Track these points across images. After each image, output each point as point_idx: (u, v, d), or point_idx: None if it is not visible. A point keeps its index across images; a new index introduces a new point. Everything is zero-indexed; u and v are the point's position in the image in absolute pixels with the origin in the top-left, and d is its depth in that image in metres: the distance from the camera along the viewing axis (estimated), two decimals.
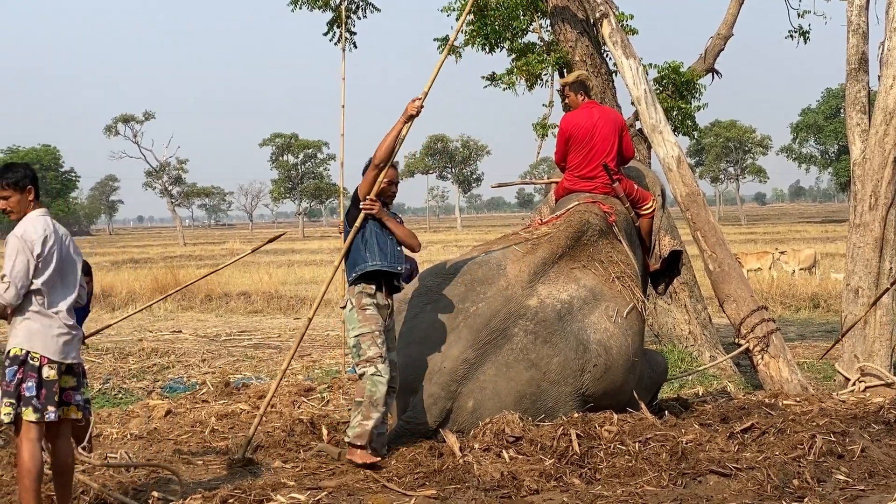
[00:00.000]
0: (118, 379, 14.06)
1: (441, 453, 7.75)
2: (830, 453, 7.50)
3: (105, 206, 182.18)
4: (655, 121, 11.77)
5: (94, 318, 23.72)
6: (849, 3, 11.54)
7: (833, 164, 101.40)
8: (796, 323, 20.43)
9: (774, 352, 10.77)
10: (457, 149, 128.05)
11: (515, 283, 8.73)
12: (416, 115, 8.24)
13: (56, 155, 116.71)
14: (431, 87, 8.50)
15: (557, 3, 14.87)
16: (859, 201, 11.17)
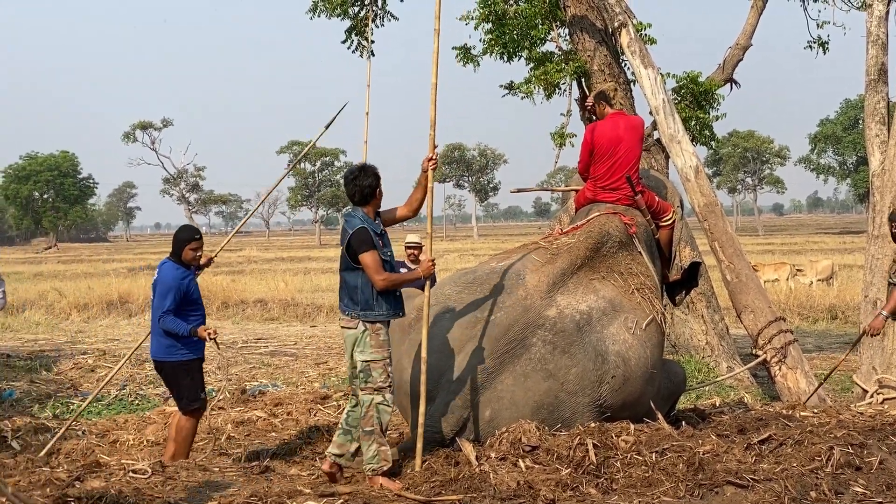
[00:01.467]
0: (135, 385, 14.10)
1: (457, 462, 7.73)
2: (848, 465, 7.46)
3: (123, 212, 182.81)
4: (674, 131, 11.76)
5: (111, 325, 23.84)
6: (868, 13, 11.52)
7: (851, 174, 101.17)
8: (814, 334, 20.38)
9: (792, 363, 10.74)
10: (474, 157, 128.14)
11: (534, 292, 8.71)
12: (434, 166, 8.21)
13: (74, 161, 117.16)
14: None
15: (576, 13, 14.88)
16: (878, 212, 11.13)
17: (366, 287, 7.81)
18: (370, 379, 7.78)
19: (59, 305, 27.02)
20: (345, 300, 7.89)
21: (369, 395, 7.78)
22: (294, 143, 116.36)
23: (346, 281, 7.89)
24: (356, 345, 7.80)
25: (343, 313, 7.90)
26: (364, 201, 7.98)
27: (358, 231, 7.79)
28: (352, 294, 7.83)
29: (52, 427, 10.07)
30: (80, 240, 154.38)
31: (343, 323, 7.90)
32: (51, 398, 12.79)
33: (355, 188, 7.97)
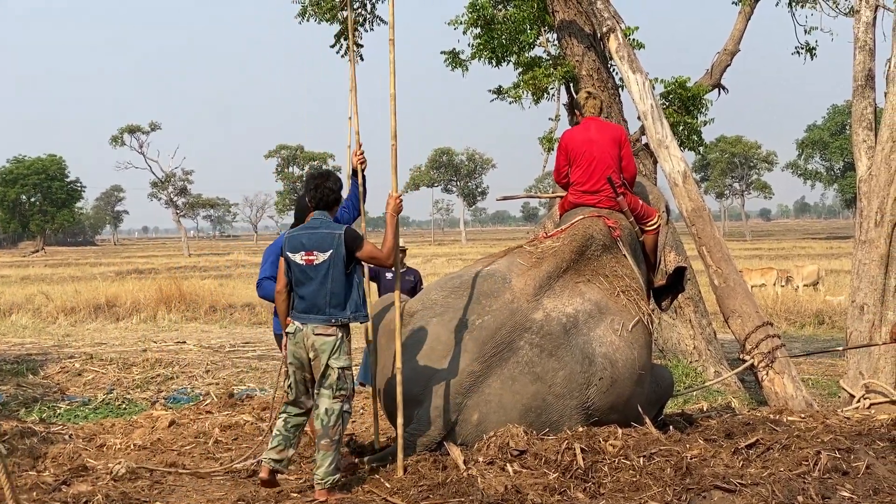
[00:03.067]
0: (122, 389, 14.10)
1: (445, 466, 7.73)
2: (835, 470, 7.47)
3: (110, 216, 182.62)
4: (662, 136, 11.79)
5: (98, 329, 23.81)
6: (856, 19, 11.55)
7: (838, 180, 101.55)
8: (801, 339, 20.43)
9: (779, 368, 10.76)
10: (462, 162, 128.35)
11: (521, 296, 8.72)
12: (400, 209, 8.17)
13: (62, 165, 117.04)
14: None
15: (564, 18, 14.91)
16: (865, 218, 11.16)
17: (357, 288, 7.76)
18: (345, 386, 7.66)
19: (47, 309, 26.99)
20: (329, 308, 7.65)
21: (339, 403, 7.63)
22: (282, 147, 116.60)
23: (333, 287, 7.66)
24: (333, 352, 7.63)
25: (322, 322, 7.64)
26: (328, 206, 7.92)
27: (347, 230, 7.76)
28: (341, 299, 7.66)
29: (39, 431, 10.04)
30: (68, 243, 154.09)
31: (319, 330, 7.65)
32: (38, 402, 12.76)
33: (325, 191, 7.88)
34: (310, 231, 7.77)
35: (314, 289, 7.66)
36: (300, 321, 7.70)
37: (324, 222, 7.81)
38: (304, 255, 7.68)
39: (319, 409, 7.65)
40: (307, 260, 7.66)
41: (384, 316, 9.31)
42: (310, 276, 7.67)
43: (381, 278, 13.49)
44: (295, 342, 7.71)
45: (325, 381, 7.63)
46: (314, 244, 7.68)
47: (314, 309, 7.66)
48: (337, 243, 7.64)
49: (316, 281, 7.65)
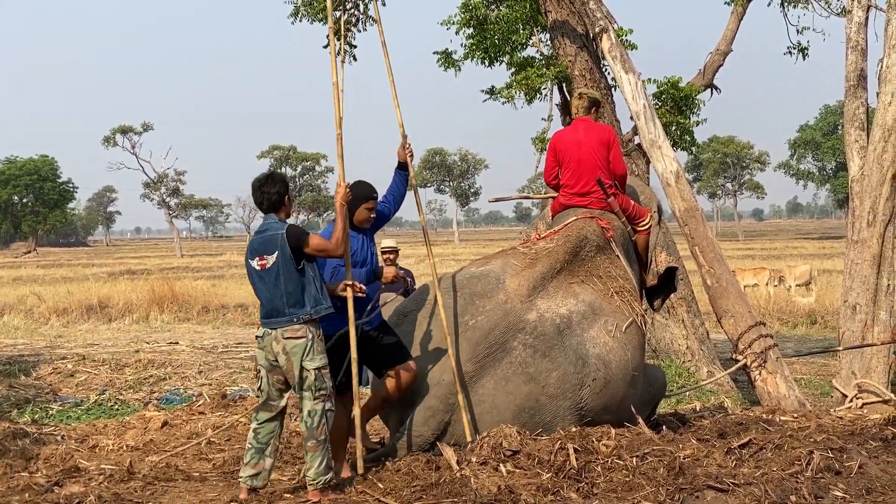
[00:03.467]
0: (115, 390, 14.06)
1: (438, 466, 7.72)
2: (828, 469, 7.48)
3: (102, 217, 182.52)
4: (654, 136, 11.79)
5: (91, 330, 23.77)
6: (848, 20, 11.56)
7: (831, 180, 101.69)
8: (793, 339, 20.45)
9: (772, 367, 10.76)
10: (455, 162, 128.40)
11: (514, 296, 8.72)
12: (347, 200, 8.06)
13: (54, 165, 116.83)
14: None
15: (557, 18, 14.91)
16: (857, 218, 11.17)
17: (314, 282, 7.69)
18: (324, 386, 7.62)
19: (39, 310, 26.94)
20: (288, 308, 7.59)
21: (321, 403, 7.59)
22: (275, 147, 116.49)
23: (287, 287, 7.59)
24: (306, 354, 7.57)
25: (286, 325, 7.58)
26: (273, 208, 7.87)
27: (289, 228, 7.71)
28: (299, 297, 7.60)
29: (31, 432, 10.03)
30: (60, 244, 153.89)
31: (288, 334, 7.58)
32: (30, 403, 12.74)
33: (263, 196, 7.85)
34: (261, 235, 7.77)
35: (270, 292, 7.65)
36: (266, 326, 7.69)
37: (271, 224, 7.79)
38: (258, 260, 7.67)
39: (303, 412, 7.62)
40: (261, 265, 7.65)
41: None
42: (265, 280, 7.66)
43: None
44: (262, 346, 7.71)
45: (303, 383, 7.59)
46: (263, 248, 7.68)
47: (275, 313, 7.63)
48: (281, 244, 7.59)
49: (270, 284, 7.64)
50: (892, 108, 11.00)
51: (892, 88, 11.02)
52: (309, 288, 7.65)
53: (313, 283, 7.69)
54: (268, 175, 7.98)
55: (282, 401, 7.80)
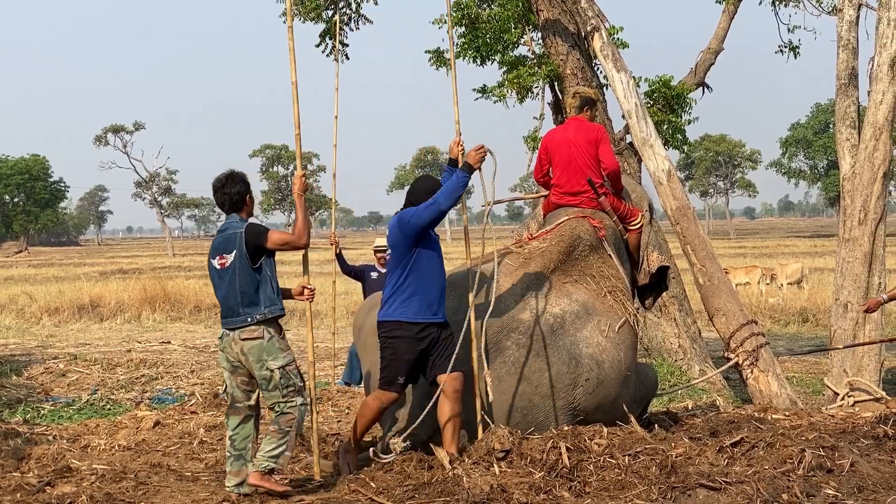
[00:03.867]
0: (106, 390, 14.05)
1: (430, 466, 7.72)
2: (820, 468, 7.49)
3: (94, 216, 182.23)
4: (646, 134, 11.79)
5: (82, 329, 23.74)
6: (839, 18, 11.58)
7: (822, 178, 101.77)
8: (785, 337, 20.48)
9: (764, 366, 10.77)
10: (447, 161, 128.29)
11: (508, 296, 8.73)
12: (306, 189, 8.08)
13: (45, 165, 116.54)
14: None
15: (549, 17, 14.91)
16: (849, 216, 11.19)
17: (269, 282, 7.65)
18: (291, 383, 7.57)
19: (30, 310, 26.88)
20: (242, 308, 7.56)
21: (293, 398, 7.57)
22: (267, 146, 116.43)
23: (242, 286, 7.56)
24: (267, 354, 7.54)
25: (242, 325, 7.56)
26: (234, 208, 7.82)
27: (248, 226, 7.66)
28: (253, 297, 7.56)
29: (23, 432, 10.01)
30: (52, 244, 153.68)
31: (245, 335, 7.55)
32: (21, 403, 12.72)
33: (224, 196, 7.80)
34: (222, 235, 7.75)
35: (225, 291, 7.64)
36: (225, 327, 7.70)
37: (233, 224, 7.75)
38: (219, 258, 7.66)
39: (273, 408, 7.62)
40: (220, 264, 7.64)
41: (371, 315, 9.31)
42: (223, 278, 7.65)
43: (367, 278, 13.49)
44: (222, 348, 7.72)
45: (269, 384, 7.56)
46: (224, 247, 7.66)
47: (231, 312, 7.63)
48: (239, 242, 7.56)
49: (226, 282, 7.62)
50: (883, 106, 11.02)
51: (882, 87, 11.04)
52: (264, 288, 7.61)
53: (269, 283, 7.65)
54: (228, 175, 7.88)
55: (249, 401, 7.76)
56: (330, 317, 16.40)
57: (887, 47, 11.01)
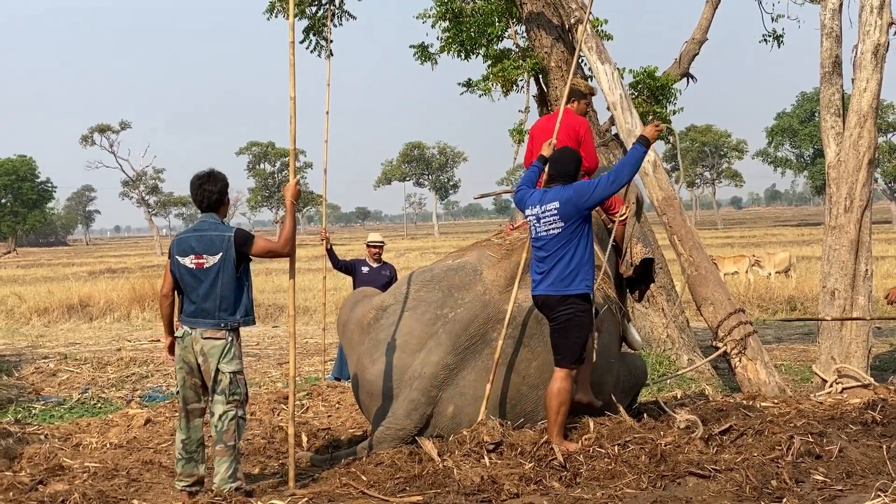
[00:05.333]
0: (97, 388, 14.09)
1: (421, 459, 7.75)
2: (808, 454, 7.54)
3: (82, 216, 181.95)
4: (631, 125, 11.83)
5: (72, 329, 23.73)
6: (822, 7, 11.60)
7: (808, 167, 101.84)
8: (773, 325, 20.53)
9: (752, 354, 10.81)
10: (433, 156, 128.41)
11: (493, 287, 8.76)
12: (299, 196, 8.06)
13: (32, 165, 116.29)
14: None
15: (532, 10, 14.92)
16: (834, 204, 11.22)
17: (247, 292, 7.62)
18: (237, 391, 7.49)
19: (20, 310, 26.88)
20: (219, 312, 7.46)
21: (234, 409, 7.46)
22: (253, 143, 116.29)
23: (223, 291, 7.48)
24: (223, 355, 7.45)
25: (210, 327, 7.46)
26: (212, 207, 7.73)
27: (237, 232, 7.59)
28: (233, 303, 7.50)
29: (14, 431, 10.02)
30: (40, 244, 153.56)
31: (207, 334, 7.46)
32: (12, 403, 12.73)
33: (203, 193, 7.69)
34: (199, 234, 7.61)
35: (203, 293, 7.50)
36: (188, 325, 7.55)
37: (212, 224, 7.66)
38: (194, 258, 7.50)
39: (213, 416, 7.50)
40: (197, 263, 7.49)
41: (356, 310, 9.35)
42: (200, 279, 7.50)
43: (357, 272, 13.51)
44: (183, 346, 7.57)
45: (217, 386, 7.45)
46: (204, 247, 7.52)
47: (203, 313, 7.50)
48: (227, 246, 7.47)
49: (205, 284, 7.49)
50: (867, 93, 11.06)
51: (866, 74, 11.07)
52: (243, 297, 7.56)
53: (247, 292, 7.61)
54: (208, 173, 7.79)
55: (200, 403, 7.65)
56: (320, 312, 16.42)
57: (870, 35, 11.04)
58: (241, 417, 7.53)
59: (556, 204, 8.14)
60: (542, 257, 8.21)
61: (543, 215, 8.19)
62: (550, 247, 8.15)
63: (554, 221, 8.16)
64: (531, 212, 8.32)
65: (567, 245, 8.09)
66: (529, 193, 8.49)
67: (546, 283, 8.15)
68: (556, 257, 8.10)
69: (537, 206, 8.26)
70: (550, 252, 8.15)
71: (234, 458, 7.41)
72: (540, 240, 8.23)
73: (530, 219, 8.34)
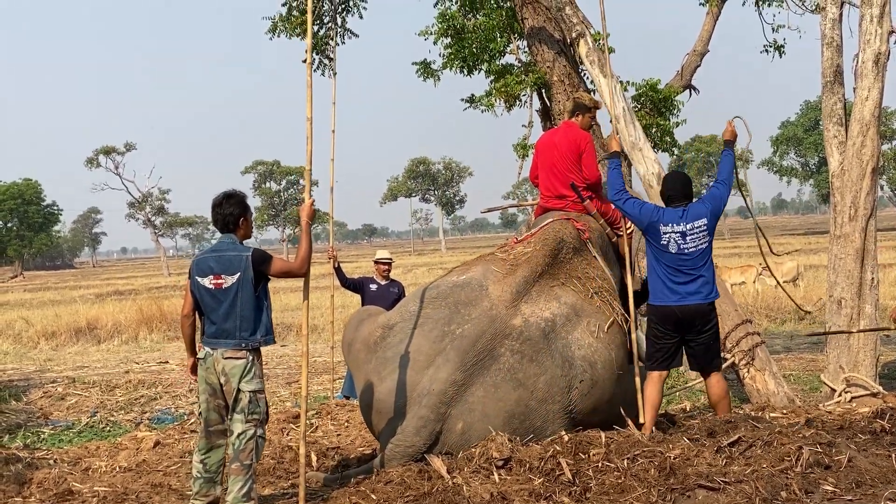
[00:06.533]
0: (106, 412, 14.09)
1: (430, 476, 7.73)
2: (818, 464, 7.51)
3: (88, 238, 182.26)
4: (635, 138, 11.85)
5: (80, 352, 23.74)
6: (822, 16, 11.61)
7: (814, 175, 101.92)
8: (781, 335, 20.51)
9: (760, 365, 10.81)
10: (439, 171, 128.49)
11: (499, 303, 8.76)
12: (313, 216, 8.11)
13: (37, 189, 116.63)
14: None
15: (534, 25, 14.94)
16: (839, 213, 11.22)
17: (266, 311, 7.67)
18: (257, 410, 7.54)
19: (27, 334, 26.90)
20: (239, 332, 7.54)
21: (252, 428, 7.52)
22: (259, 162, 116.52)
23: (243, 311, 7.55)
24: (244, 375, 7.51)
25: (231, 347, 7.53)
26: (227, 229, 7.81)
27: (255, 252, 7.64)
28: (253, 323, 7.56)
29: (24, 457, 10.03)
30: (46, 267, 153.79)
31: (228, 354, 7.53)
32: (21, 428, 12.75)
33: (219, 215, 7.80)
34: (217, 254, 7.69)
35: (224, 313, 7.57)
36: (210, 346, 7.61)
37: (230, 245, 7.74)
38: (213, 279, 7.58)
39: (232, 435, 7.54)
40: (216, 284, 7.57)
41: (361, 329, 9.35)
42: (219, 300, 7.58)
43: (365, 290, 13.53)
44: (206, 367, 7.62)
45: (237, 405, 7.51)
46: (222, 268, 7.60)
47: (224, 333, 7.56)
48: (245, 266, 7.54)
49: (225, 305, 7.56)
50: (869, 102, 11.06)
51: (868, 83, 11.07)
52: (263, 317, 7.62)
53: (266, 312, 7.66)
54: (226, 194, 7.87)
55: (223, 424, 7.69)
56: (328, 331, 16.42)
57: (871, 43, 11.05)
58: (259, 437, 7.58)
59: (704, 221, 9.01)
60: (687, 270, 9.03)
61: (692, 232, 8.94)
62: (698, 261, 9.01)
63: (703, 237, 9.00)
64: (674, 229, 8.99)
65: (709, 256, 9.05)
66: (661, 211, 9.15)
67: (700, 295, 9.03)
68: (703, 269, 9.01)
69: (682, 224, 8.98)
70: (698, 265, 9.01)
71: (248, 478, 7.44)
72: (685, 255, 9.00)
73: (672, 236, 8.99)
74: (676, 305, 8.97)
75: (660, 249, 9.04)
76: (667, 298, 9.02)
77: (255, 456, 7.52)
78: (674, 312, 9.01)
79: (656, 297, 9.14)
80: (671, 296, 9.00)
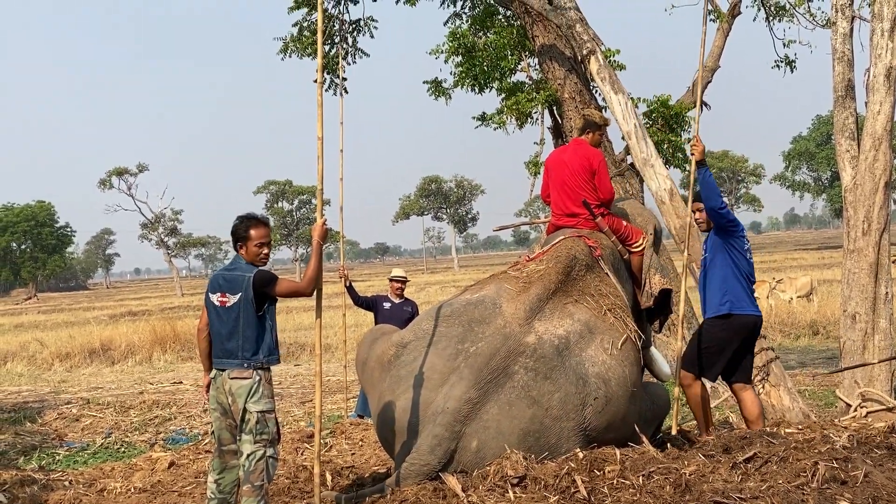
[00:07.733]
0: (120, 433, 14.08)
1: (445, 494, 7.72)
2: (834, 480, 7.48)
3: (101, 259, 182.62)
4: (646, 154, 11.85)
5: (94, 373, 23.77)
6: (833, 31, 11.62)
7: (827, 190, 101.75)
8: (796, 350, 20.47)
9: (775, 381, 10.79)
10: (451, 189, 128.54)
11: (513, 321, 8.75)
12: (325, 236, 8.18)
13: (51, 210, 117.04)
14: None
15: (544, 42, 14.99)
16: (852, 227, 11.21)
17: (271, 331, 7.68)
18: (266, 430, 7.52)
19: (42, 356, 26.96)
20: (241, 352, 7.56)
21: (262, 448, 7.50)
22: (271, 182, 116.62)
23: (245, 331, 7.57)
24: (251, 395, 7.50)
25: (236, 367, 7.55)
26: (236, 248, 7.92)
27: (258, 273, 7.66)
28: (255, 344, 7.57)
29: (39, 478, 10.04)
30: (60, 289, 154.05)
31: (234, 374, 7.54)
32: (36, 449, 12.76)
33: (232, 236, 7.95)
34: (227, 272, 7.76)
35: (227, 332, 7.61)
36: (218, 367, 7.66)
37: (239, 264, 7.79)
38: (220, 296, 7.65)
39: (241, 456, 7.53)
40: (221, 301, 7.63)
41: (374, 348, 9.35)
42: (223, 318, 7.62)
43: (379, 308, 13.54)
44: (216, 387, 7.66)
45: (244, 426, 7.51)
46: (228, 286, 7.65)
47: (228, 354, 7.60)
48: (245, 286, 7.57)
49: (228, 323, 7.60)
50: (881, 116, 11.07)
51: (880, 97, 11.08)
52: (266, 337, 7.62)
53: (271, 332, 7.67)
54: (240, 216, 7.97)
55: (235, 444, 7.68)
56: (341, 350, 16.43)
57: (882, 58, 11.05)
58: (270, 457, 7.55)
59: None
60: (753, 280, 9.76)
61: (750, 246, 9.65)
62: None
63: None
64: (748, 242, 9.73)
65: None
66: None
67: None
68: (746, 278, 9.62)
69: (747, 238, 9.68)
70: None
71: (261, 499, 7.43)
72: (751, 266, 9.65)
73: (748, 246, 9.74)
74: (757, 315, 9.55)
75: (744, 258, 9.57)
76: (750, 308, 9.51)
77: (266, 476, 7.50)
78: (755, 322, 9.55)
79: (740, 307, 9.52)
80: (753, 305, 9.56)
